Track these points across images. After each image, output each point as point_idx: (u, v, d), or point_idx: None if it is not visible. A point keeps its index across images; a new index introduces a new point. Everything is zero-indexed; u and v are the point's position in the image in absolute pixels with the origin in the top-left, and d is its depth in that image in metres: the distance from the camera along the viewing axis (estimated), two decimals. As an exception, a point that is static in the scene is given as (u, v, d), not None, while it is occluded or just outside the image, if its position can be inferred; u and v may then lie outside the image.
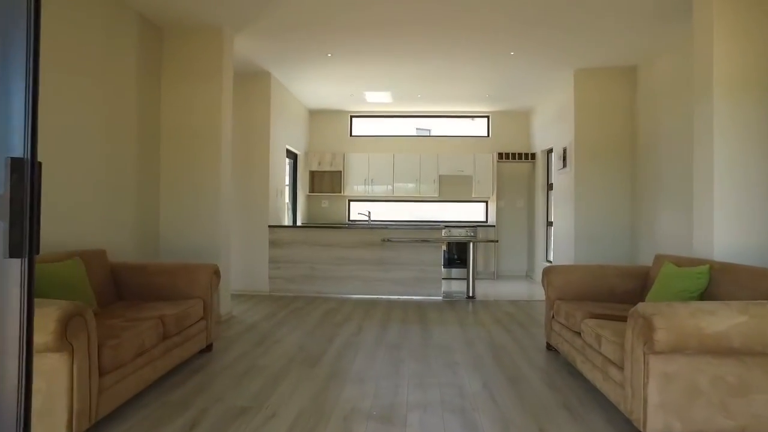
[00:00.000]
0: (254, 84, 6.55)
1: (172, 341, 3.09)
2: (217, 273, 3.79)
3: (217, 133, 4.90)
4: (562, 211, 6.75)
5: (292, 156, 8.09)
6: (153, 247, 4.82)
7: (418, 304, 5.94)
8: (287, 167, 7.97)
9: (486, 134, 9.01)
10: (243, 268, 6.50)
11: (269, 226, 6.49)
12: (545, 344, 3.97)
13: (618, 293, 3.72)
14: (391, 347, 3.99)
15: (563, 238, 6.65)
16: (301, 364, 3.51)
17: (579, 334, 3.14)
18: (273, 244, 6.49)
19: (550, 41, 5.26)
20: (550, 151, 7.80)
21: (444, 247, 6.25)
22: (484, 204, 9.02)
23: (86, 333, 2.22)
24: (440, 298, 6.30)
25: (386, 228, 6.44)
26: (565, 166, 6.50)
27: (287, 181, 7.96)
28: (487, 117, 8.98)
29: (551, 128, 7.35)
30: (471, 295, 6.35)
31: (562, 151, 6.57)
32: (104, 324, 2.71)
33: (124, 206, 4.35)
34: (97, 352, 2.31)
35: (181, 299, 3.61)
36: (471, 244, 6.29)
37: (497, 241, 6.31)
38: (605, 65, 6.05)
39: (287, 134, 7.44)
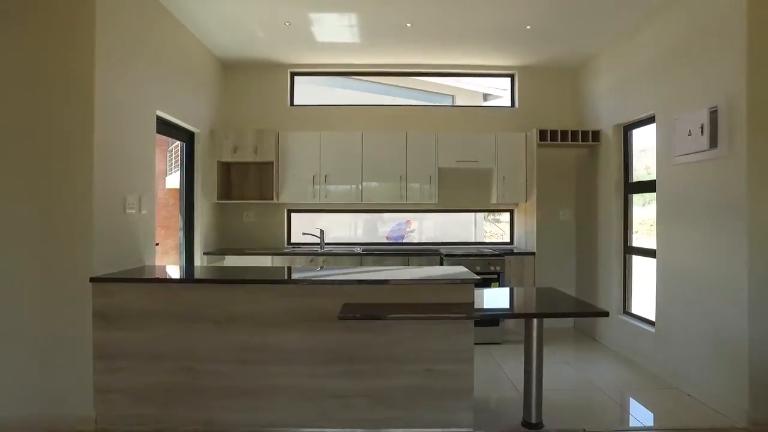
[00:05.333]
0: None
1: None
2: None
3: None
4: (690, 233, 3.46)
5: (185, 135, 4.50)
6: None
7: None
8: (171, 154, 4.43)
9: (510, 104, 5.65)
10: (34, 376, 2.92)
11: (92, 280, 2.92)
12: None
13: None
14: None
15: (696, 288, 3.37)
16: None
17: None
18: (103, 318, 2.93)
19: None
20: (632, 125, 4.51)
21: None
22: (508, 214, 5.68)
23: None
24: (470, 430, 2.90)
25: (350, 282, 2.98)
26: (714, 145, 3.21)
27: (174, 179, 4.40)
28: (512, 75, 5.62)
29: (649, 83, 4.04)
30: (535, 421, 2.98)
31: (703, 118, 3.27)
32: None
33: None
34: None
35: None
36: (535, 322, 2.89)
37: (606, 315, 2.89)
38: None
39: (166, 95, 3.84)
